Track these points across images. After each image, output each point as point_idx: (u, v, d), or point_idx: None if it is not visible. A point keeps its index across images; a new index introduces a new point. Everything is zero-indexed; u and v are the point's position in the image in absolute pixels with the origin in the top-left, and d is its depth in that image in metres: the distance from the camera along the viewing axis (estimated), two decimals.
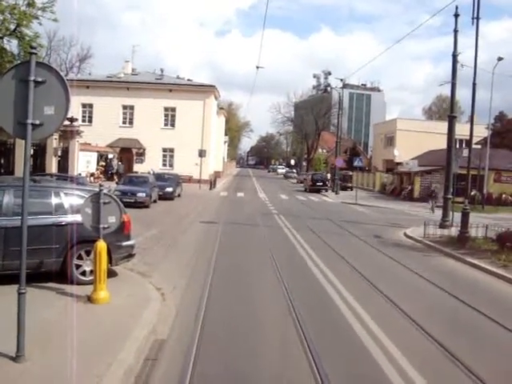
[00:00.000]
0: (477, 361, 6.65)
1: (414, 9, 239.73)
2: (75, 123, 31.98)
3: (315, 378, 5.85)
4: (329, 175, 57.01)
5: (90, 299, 8.08)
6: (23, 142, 5.66)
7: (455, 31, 22.55)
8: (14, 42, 30.34)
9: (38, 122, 5.62)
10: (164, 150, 51.01)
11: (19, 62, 30.54)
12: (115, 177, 42.14)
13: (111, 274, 9.44)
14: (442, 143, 30.41)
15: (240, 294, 9.79)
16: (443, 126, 30.59)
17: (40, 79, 5.60)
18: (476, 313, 9.14)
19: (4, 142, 27.25)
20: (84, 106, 49.75)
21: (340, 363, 6.48)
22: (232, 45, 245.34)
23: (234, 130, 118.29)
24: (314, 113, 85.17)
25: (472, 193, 33.61)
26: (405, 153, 52.78)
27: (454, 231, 19.03)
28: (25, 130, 5.57)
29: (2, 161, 27.39)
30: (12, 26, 28.87)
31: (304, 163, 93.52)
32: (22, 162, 5.78)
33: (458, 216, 19.69)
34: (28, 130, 5.57)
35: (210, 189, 43.04)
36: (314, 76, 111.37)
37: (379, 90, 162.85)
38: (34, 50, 5.86)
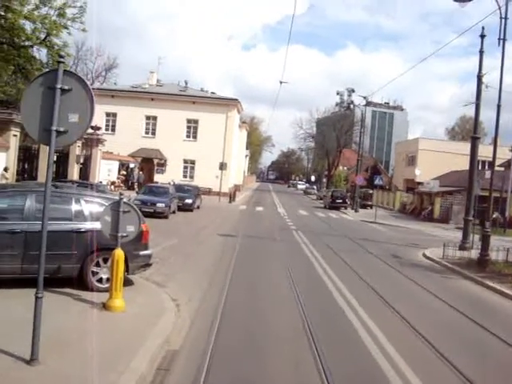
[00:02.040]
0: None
1: (441, 28, 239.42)
2: (98, 132, 32.44)
3: None
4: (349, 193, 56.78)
5: (105, 306, 8.12)
6: (47, 148, 5.75)
7: (481, 52, 22.43)
8: (43, 50, 30.98)
9: (62, 129, 5.71)
10: (185, 162, 51.32)
11: (47, 70, 31.15)
12: (135, 186, 42.48)
13: (127, 282, 9.50)
14: (464, 164, 30.20)
15: (255, 309, 9.75)
16: (466, 147, 30.39)
17: (66, 87, 5.71)
18: (495, 339, 8.95)
19: (29, 148, 27.70)
20: (108, 114, 50.37)
21: None
22: (257, 59, 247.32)
23: (255, 144, 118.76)
24: (335, 130, 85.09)
25: (494, 215, 33.14)
26: (426, 173, 52.37)
27: (474, 254, 18.77)
28: (49, 137, 5.66)
29: (26, 166, 27.79)
30: (42, 35, 29.48)
31: (324, 180, 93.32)
32: (45, 168, 5.87)
33: (478, 238, 19.43)
34: (52, 136, 5.66)
35: (230, 202, 43.14)
36: (338, 93, 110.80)
37: (402, 109, 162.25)
38: (61, 59, 5.98)
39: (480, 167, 39.15)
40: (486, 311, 11.48)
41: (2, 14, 27.79)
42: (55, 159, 27.10)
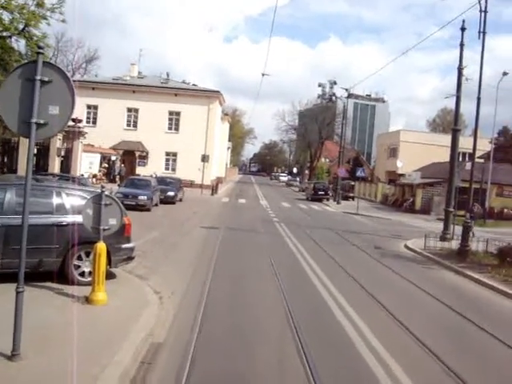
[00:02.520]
0: (473, 373, 6.62)
1: (423, 20, 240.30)
2: (79, 124, 32.10)
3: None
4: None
5: (87, 300, 8.07)
6: (27, 140, 5.67)
7: (461, 45, 22.60)
8: (22, 41, 30.50)
9: (42, 122, 5.63)
10: (167, 154, 51.04)
11: (26, 61, 30.69)
12: (117, 179, 42.19)
13: (110, 275, 9.44)
14: (445, 156, 30.49)
15: (238, 300, 9.76)
16: (447, 139, 30.67)
17: (46, 79, 5.62)
18: (474, 327, 9.09)
19: (8, 141, 27.36)
20: (89, 107, 49.86)
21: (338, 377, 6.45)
22: (239, 51, 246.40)
23: (237, 136, 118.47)
24: (317, 122, 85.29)
25: (474, 206, 33.54)
26: (408, 164, 52.75)
27: (454, 244, 18.98)
28: (29, 129, 5.58)
29: (6, 159, 27.45)
30: (20, 26, 29.00)
31: (306, 171, 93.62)
32: (25, 161, 5.79)
33: (458, 229, 19.66)
34: (32, 129, 5.58)
35: (212, 194, 43.06)
36: (320, 85, 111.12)
37: (384, 101, 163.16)
38: (41, 50, 5.87)
39: (460, 159, 39.48)
40: (465, 300, 11.64)
41: None
42: (36, 152, 26.80)
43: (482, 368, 7.28)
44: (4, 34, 28.97)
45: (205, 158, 44.29)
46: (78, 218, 8.60)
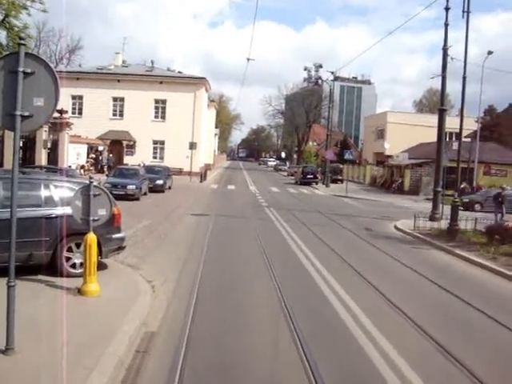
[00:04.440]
0: (465, 351, 6.71)
1: (409, 1, 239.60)
2: (65, 115, 31.86)
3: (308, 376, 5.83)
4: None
5: (80, 292, 8.06)
6: (12, 133, 5.61)
7: (446, 25, 22.62)
8: (3, 33, 30.12)
9: (27, 114, 5.56)
10: (154, 143, 50.78)
11: (8, 53, 30.30)
12: (105, 169, 41.98)
13: (101, 266, 9.44)
14: (432, 136, 30.61)
15: (231, 286, 9.78)
16: (434, 119, 30.77)
17: (29, 70, 5.54)
18: (464, 304, 9.22)
19: None
20: (74, 97, 49.39)
21: (335, 361, 6.51)
22: (225, 36, 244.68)
23: (224, 122, 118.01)
24: (304, 105, 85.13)
25: (462, 186, 33.79)
26: (395, 146, 52.92)
27: (443, 224, 19.13)
28: (14, 122, 5.51)
29: None
30: (0, 17, 28.62)
31: (295, 156, 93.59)
32: (11, 154, 5.73)
33: (447, 209, 19.81)
34: (17, 121, 5.51)
35: (201, 181, 43.00)
36: (305, 69, 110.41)
37: (370, 83, 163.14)
38: (22, 41, 5.79)
39: (447, 139, 39.67)
40: (455, 278, 11.77)
41: None
42: (21, 145, 26.54)
43: (469, 339, 7.47)
44: None
45: (192, 146, 44.15)
46: (67, 210, 8.56)
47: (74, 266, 9.21)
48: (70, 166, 30.45)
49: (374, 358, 6.35)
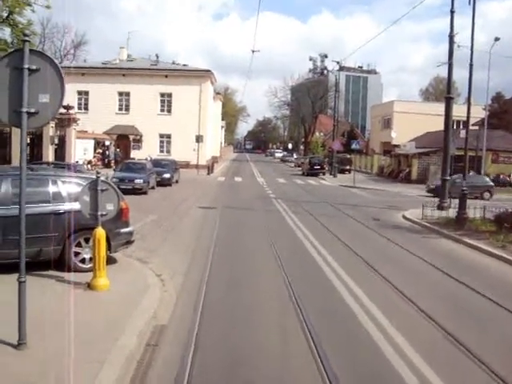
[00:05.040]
0: (476, 341, 6.71)
1: None
2: (71, 111, 31.93)
3: (319, 368, 5.84)
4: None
5: (89, 286, 8.11)
6: (19, 130, 5.63)
7: (452, 12, 22.43)
8: (7, 30, 30.17)
9: (33, 110, 5.58)
10: (161, 136, 50.80)
11: (13, 49, 30.38)
12: (112, 164, 42.07)
13: (110, 260, 9.47)
14: (439, 125, 30.39)
15: (240, 279, 9.80)
16: (440, 108, 30.57)
17: (34, 67, 5.56)
18: (474, 293, 9.20)
19: (1, 132, 27.17)
20: (80, 93, 49.49)
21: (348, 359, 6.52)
22: (230, 28, 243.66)
23: (230, 114, 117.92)
24: (310, 96, 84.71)
25: (470, 174, 33.63)
26: (402, 135, 52.70)
27: (452, 213, 19.07)
28: (20, 119, 5.53)
29: None
30: (4, 14, 28.66)
31: (301, 147, 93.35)
32: (18, 151, 5.76)
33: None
34: (23, 118, 5.53)
35: (208, 174, 43.03)
36: (311, 59, 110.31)
37: (376, 73, 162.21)
38: (27, 38, 5.80)
39: (455, 127, 39.52)
40: (464, 267, 11.74)
41: None
42: (29, 141, 26.65)
43: (479, 328, 7.45)
44: None
45: (199, 139, 44.11)
46: (76, 205, 8.60)
47: (83, 260, 9.27)
48: (77, 162, 30.55)
49: (379, 339, 6.37)
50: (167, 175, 31.64)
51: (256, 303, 8.26)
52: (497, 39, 37.34)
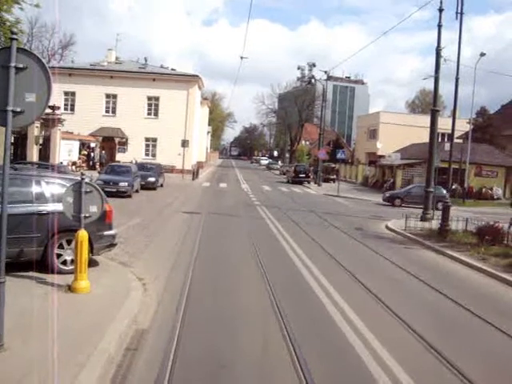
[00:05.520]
0: (452, 349, 6.76)
1: (403, 1, 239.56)
2: (57, 111, 31.69)
3: (296, 370, 5.86)
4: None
5: (70, 288, 8.03)
6: (3, 129, 5.58)
7: (439, 26, 22.69)
8: None
9: (18, 110, 5.53)
10: (147, 140, 50.63)
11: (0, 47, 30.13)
12: (97, 166, 41.84)
13: (92, 263, 9.41)
14: (424, 137, 30.69)
15: (221, 285, 9.79)
16: (426, 120, 30.86)
17: (21, 65, 5.52)
18: (454, 304, 9.28)
19: None
20: (66, 94, 49.17)
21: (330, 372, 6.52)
22: (219, 34, 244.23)
23: (217, 120, 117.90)
24: (297, 104, 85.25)
25: (453, 186, 33.97)
26: (387, 146, 53.10)
27: (434, 224, 19.22)
28: (5, 117, 5.49)
29: None
30: None
31: (287, 155, 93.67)
32: (1, 150, 5.70)
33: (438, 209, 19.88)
34: (8, 117, 5.48)
35: (193, 179, 42.93)
36: (299, 68, 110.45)
37: (363, 83, 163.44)
38: (14, 36, 5.75)
39: (440, 139, 39.90)
40: (445, 279, 11.82)
41: None
42: (13, 141, 26.39)
43: (457, 338, 7.49)
44: None
45: (185, 143, 44.04)
46: (59, 207, 8.52)
47: (64, 262, 9.19)
48: (61, 163, 30.31)
49: (357, 345, 6.39)
50: (152, 179, 31.53)
51: (237, 308, 8.24)
52: (482, 55, 37.81)
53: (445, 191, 29.31)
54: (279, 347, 6.53)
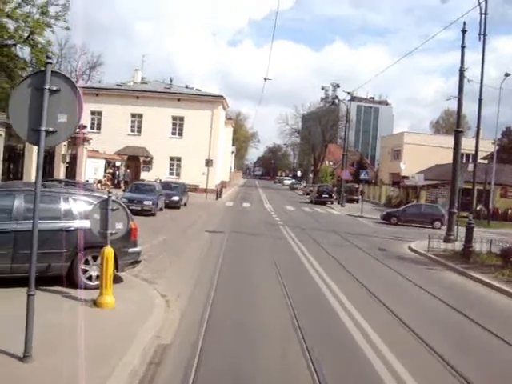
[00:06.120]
0: (479, 373, 6.73)
1: (427, 22, 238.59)
2: (84, 130, 32.30)
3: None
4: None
5: (95, 303, 8.21)
6: (34, 147, 5.83)
7: (462, 47, 22.73)
8: (27, 49, 30.80)
9: (51, 129, 5.78)
10: (171, 159, 51.22)
11: (31, 68, 31.00)
12: (122, 184, 42.39)
13: (117, 279, 9.58)
14: (448, 157, 30.51)
15: (244, 303, 9.88)
16: (450, 141, 30.72)
17: (54, 88, 5.78)
18: (478, 327, 9.19)
19: (14, 148, 27.54)
20: (93, 113, 50.13)
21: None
22: (243, 55, 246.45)
23: (241, 140, 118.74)
24: (321, 125, 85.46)
25: (477, 207, 33.65)
26: (411, 166, 52.81)
27: (458, 245, 19.07)
28: (38, 137, 5.73)
29: (12, 166, 27.62)
30: (25, 34, 29.31)
31: (310, 175, 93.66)
32: (31, 168, 5.99)
33: (462, 230, 19.73)
34: (41, 136, 5.73)
35: (216, 198, 43.18)
36: (322, 88, 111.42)
37: (387, 104, 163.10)
38: (49, 60, 6.03)
39: (464, 160, 39.57)
40: (469, 301, 11.72)
41: None
42: None
43: (481, 361, 7.42)
44: (9, 42, 29.27)
45: (209, 163, 44.41)
46: (86, 223, 8.75)
47: (90, 278, 9.38)
48: (87, 181, 30.84)
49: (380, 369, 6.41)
50: (176, 198, 31.85)
51: (259, 327, 8.31)
52: (507, 75, 37.64)
53: (443, 210, 29.96)
54: (299, 365, 6.58)
